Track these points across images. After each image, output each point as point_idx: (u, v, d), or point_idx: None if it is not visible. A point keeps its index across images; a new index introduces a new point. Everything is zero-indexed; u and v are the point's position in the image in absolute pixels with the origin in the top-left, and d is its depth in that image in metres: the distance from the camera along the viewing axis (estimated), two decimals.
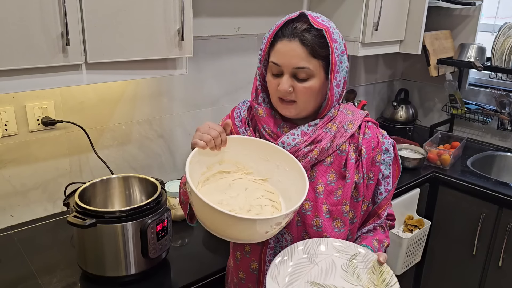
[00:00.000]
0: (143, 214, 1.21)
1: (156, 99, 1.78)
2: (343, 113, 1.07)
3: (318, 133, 1.04)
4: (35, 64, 1.12)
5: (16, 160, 1.49)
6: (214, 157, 1.05)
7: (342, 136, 1.05)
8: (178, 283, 1.28)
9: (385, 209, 1.13)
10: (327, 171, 1.05)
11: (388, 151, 1.10)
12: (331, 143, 1.04)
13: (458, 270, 2.24)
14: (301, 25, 0.98)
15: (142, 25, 1.28)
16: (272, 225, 0.90)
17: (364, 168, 1.05)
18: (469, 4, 2.40)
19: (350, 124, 1.06)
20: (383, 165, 1.09)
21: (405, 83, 2.92)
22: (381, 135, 1.10)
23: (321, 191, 1.04)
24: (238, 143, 1.06)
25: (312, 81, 1.00)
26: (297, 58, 0.97)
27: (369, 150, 1.06)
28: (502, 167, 2.45)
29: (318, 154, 1.03)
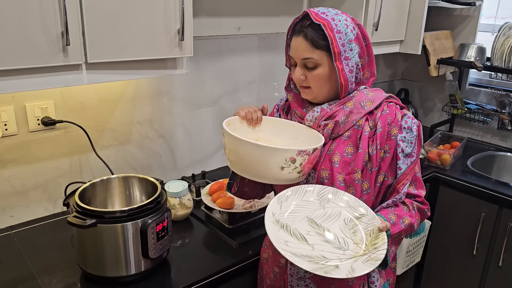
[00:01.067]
0: (143, 214, 1.21)
1: (156, 99, 1.78)
2: (363, 93, 1.18)
3: (335, 109, 1.17)
4: (35, 64, 1.12)
5: (16, 160, 1.49)
6: (251, 133, 1.25)
7: (359, 112, 1.15)
8: (178, 283, 1.28)
9: (403, 184, 1.16)
10: (345, 144, 1.16)
11: (411, 129, 1.16)
12: (347, 118, 1.15)
13: (458, 270, 2.24)
14: (305, 22, 1.14)
15: (142, 25, 1.28)
16: (287, 158, 1.06)
17: (377, 140, 1.14)
18: (469, 4, 2.40)
19: (369, 102, 1.16)
20: (404, 142, 1.15)
21: (405, 83, 2.92)
22: (402, 114, 1.17)
23: (337, 161, 1.16)
24: (271, 123, 1.26)
25: (320, 69, 1.14)
26: (302, 50, 1.13)
27: (385, 124, 1.14)
28: (502, 167, 2.45)
29: (333, 127, 1.16)
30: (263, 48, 2.06)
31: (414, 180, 1.20)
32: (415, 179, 1.20)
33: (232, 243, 1.47)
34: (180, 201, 1.57)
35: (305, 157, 1.08)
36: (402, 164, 1.16)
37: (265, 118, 1.27)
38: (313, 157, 1.11)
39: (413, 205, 1.19)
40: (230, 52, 1.95)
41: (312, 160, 1.12)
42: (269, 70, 2.13)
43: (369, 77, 1.22)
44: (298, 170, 1.10)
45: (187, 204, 1.60)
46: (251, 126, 1.26)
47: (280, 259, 1.26)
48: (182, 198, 1.58)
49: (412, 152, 1.16)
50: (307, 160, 1.10)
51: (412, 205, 1.19)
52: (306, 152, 1.08)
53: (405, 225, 1.15)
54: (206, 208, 1.64)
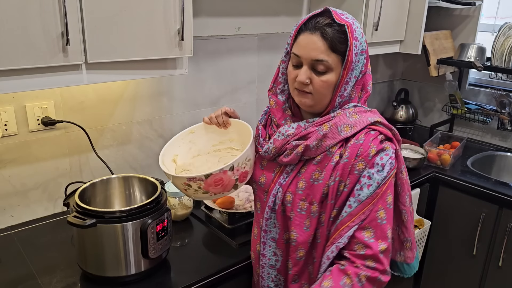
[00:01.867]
0: (143, 214, 1.21)
1: (156, 99, 1.78)
2: (345, 115, 1.04)
3: (310, 130, 1.06)
4: (35, 64, 1.12)
5: (16, 160, 1.49)
6: (225, 135, 1.27)
7: (334, 137, 1.03)
8: (178, 283, 1.28)
9: (348, 227, 0.99)
10: (313, 169, 1.06)
11: (383, 169, 1.00)
12: (320, 142, 1.04)
13: (458, 270, 2.24)
14: (324, 19, 1.01)
15: (142, 25, 1.28)
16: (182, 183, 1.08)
17: (338, 171, 1.01)
18: (469, 4, 2.40)
19: (347, 127, 1.02)
20: (370, 179, 0.99)
21: (405, 83, 2.92)
22: (379, 148, 1.01)
23: (301, 187, 1.07)
24: (237, 126, 1.24)
25: (330, 75, 1.02)
26: (316, 50, 1.00)
27: (352, 155, 1.00)
28: (502, 167, 2.45)
29: (302, 150, 1.05)
30: (263, 48, 2.06)
31: (373, 226, 1.00)
32: (375, 225, 1.00)
33: (232, 243, 1.47)
34: (180, 201, 1.57)
35: (199, 182, 1.06)
36: (353, 202, 1.00)
37: (233, 121, 1.26)
38: (212, 181, 1.06)
39: (359, 276, 0.98)
40: (230, 52, 1.95)
41: (216, 183, 1.07)
42: (268, 70, 2.13)
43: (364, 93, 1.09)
44: (203, 191, 1.09)
45: (187, 204, 1.60)
46: (222, 129, 1.27)
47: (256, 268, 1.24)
48: (182, 198, 1.58)
49: (372, 194, 0.99)
50: (206, 184, 1.07)
51: (358, 276, 0.98)
52: (197, 178, 1.06)
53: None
54: (206, 208, 1.64)
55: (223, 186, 1.09)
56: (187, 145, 1.28)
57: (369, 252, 0.99)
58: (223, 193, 1.12)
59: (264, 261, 1.19)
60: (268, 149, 1.11)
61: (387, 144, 1.04)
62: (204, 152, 1.29)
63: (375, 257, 0.99)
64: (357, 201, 1.00)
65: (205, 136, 1.28)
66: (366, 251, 0.99)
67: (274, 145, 1.09)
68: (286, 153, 1.07)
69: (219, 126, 1.26)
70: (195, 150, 1.29)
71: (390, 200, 1.02)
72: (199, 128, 1.28)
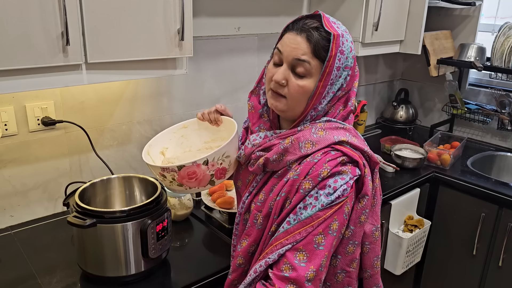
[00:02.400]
0: (143, 214, 1.21)
1: (156, 99, 1.78)
2: (310, 131, 0.98)
3: (274, 142, 1.02)
4: (35, 64, 1.12)
5: (16, 160, 1.49)
6: (217, 133, 1.26)
7: (294, 153, 0.98)
8: (178, 283, 1.28)
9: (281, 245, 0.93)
10: (274, 183, 1.02)
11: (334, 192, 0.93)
12: (281, 156, 0.99)
13: (458, 270, 2.24)
14: (312, 22, 0.97)
15: (142, 25, 1.28)
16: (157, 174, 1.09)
17: (285, 188, 0.96)
18: (469, 4, 2.40)
19: (309, 144, 0.96)
20: (317, 200, 0.93)
21: (405, 83, 2.92)
22: (335, 171, 0.93)
23: (260, 199, 1.04)
24: (228, 124, 1.23)
25: (307, 81, 0.96)
26: (299, 50, 0.95)
27: (302, 174, 0.94)
28: (502, 167, 2.45)
29: (263, 162, 1.01)
30: (263, 48, 2.06)
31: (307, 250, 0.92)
32: (310, 249, 0.91)
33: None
34: (180, 201, 1.57)
35: (172, 173, 1.05)
36: (292, 220, 0.93)
37: (224, 119, 1.25)
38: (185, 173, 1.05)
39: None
40: (230, 52, 1.95)
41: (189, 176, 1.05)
42: None
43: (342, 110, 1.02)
44: (177, 184, 1.08)
45: (187, 204, 1.60)
46: (214, 126, 1.25)
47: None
48: (182, 198, 1.58)
49: (313, 215, 0.92)
50: (179, 176, 1.05)
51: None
52: (170, 169, 1.05)
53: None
54: (206, 208, 1.64)
55: (198, 180, 1.07)
56: (178, 139, 1.28)
57: (293, 275, 0.90)
58: (198, 187, 1.10)
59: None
60: (240, 155, 1.09)
61: (346, 168, 0.95)
62: (195, 148, 1.29)
63: (299, 282, 0.89)
64: (297, 220, 0.93)
65: (197, 132, 1.28)
66: (291, 274, 0.90)
67: (244, 152, 1.07)
68: (251, 163, 1.05)
69: (211, 123, 1.25)
70: (186, 145, 1.29)
71: (334, 227, 0.93)
72: (192, 123, 1.28)
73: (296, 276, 0.90)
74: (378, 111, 2.89)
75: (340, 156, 0.95)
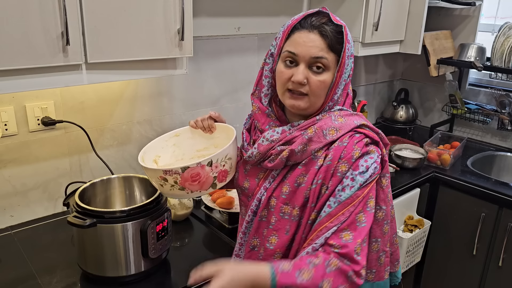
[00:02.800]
0: (143, 214, 1.21)
1: (156, 99, 1.78)
2: (330, 118, 1.02)
3: (295, 134, 1.03)
4: (35, 64, 1.12)
5: (16, 160, 1.49)
6: (210, 140, 1.25)
7: (319, 141, 1.00)
8: (178, 283, 1.28)
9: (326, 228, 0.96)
10: (298, 174, 1.03)
11: (367, 171, 0.98)
12: (305, 146, 1.01)
13: (458, 270, 2.24)
14: (320, 18, 0.99)
15: (142, 25, 1.28)
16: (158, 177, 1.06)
17: (320, 174, 0.99)
18: (469, 4, 2.40)
19: (333, 130, 1.00)
20: (353, 181, 0.97)
21: (405, 83, 2.92)
22: (363, 151, 0.98)
23: (285, 191, 1.04)
24: (223, 130, 1.22)
25: (326, 75, 0.99)
26: (315, 48, 0.97)
27: (335, 158, 0.98)
28: (502, 167, 2.45)
29: (287, 155, 1.02)
30: (263, 48, 2.06)
31: (352, 229, 0.96)
32: (353, 228, 0.96)
33: (232, 243, 1.47)
34: (180, 201, 1.57)
35: (175, 175, 1.03)
36: (333, 203, 0.97)
37: (218, 125, 1.24)
38: (188, 175, 1.03)
39: (329, 261, 0.92)
40: (230, 52, 1.95)
41: (193, 178, 1.04)
42: None
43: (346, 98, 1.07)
44: (179, 187, 1.06)
45: (187, 204, 1.60)
46: (207, 134, 1.24)
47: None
48: None
49: (353, 195, 0.96)
50: (182, 179, 1.04)
51: (328, 261, 0.92)
52: (173, 171, 1.03)
53: (303, 280, 0.89)
54: (206, 208, 1.64)
55: (200, 183, 1.06)
56: (170, 148, 1.26)
57: (344, 250, 0.94)
58: (200, 191, 1.08)
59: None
60: (252, 154, 1.08)
61: (372, 147, 1.01)
62: (188, 156, 1.27)
63: (349, 256, 0.94)
64: (337, 202, 0.97)
65: (190, 140, 1.26)
66: (341, 250, 0.94)
67: (258, 150, 1.06)
68: (271, 159, 1.05)
69: (205, 131, 1.23)
70: (179, 154, 1.26)
71: (371, 204, 0.99)
72: (184, 131, 1.26)
73: (347, 251, 0.93)
74: (378, 111, 2.89)
75: (364, 138, 1.00)
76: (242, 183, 1.16)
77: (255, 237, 1.11)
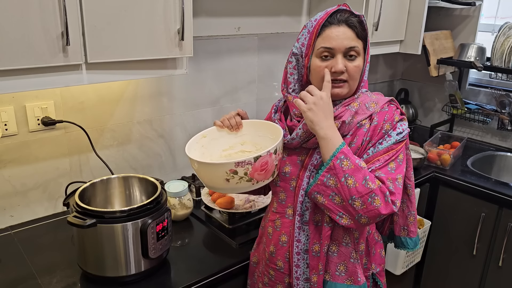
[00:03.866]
0: (143, 214, 1.21)
1: (156, 99, 1.78)
2: (367, 95, 1.19)
3: (341, 110, 1.15)
4: (35, 64, 1.12)
5: (16, 160, 1.49)
6: (236, 138, 1.27)
7: (364, 113, 1.15)
8: (178, 283, 1.28)
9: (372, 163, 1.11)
10: (347, 143, 1.13)
11: (401, 133, 1.14)
12: (352, 118, 1.14)
13: (458, 270, 2.24)
14: (344, 13, 1.13)
15: (142, 25, 1.28)
16: (227, 171, 1.07)
17: (369, 132, 1.14)
18: (469, 4, 2.40)
19: (373, 104, 1.16)
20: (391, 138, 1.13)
21: (405, 83, 2.92)
22: (399, 118, 1.16)
23: None
24: (252, 126, 1.25)
25: (359, 60, 1.14)
26: (348, 39, 1.11)
27: (381, 120, 1.14)
28: (502, 167, 2.45)
29: (339, 126, 1.13)
30: (263, 48, 2.07)
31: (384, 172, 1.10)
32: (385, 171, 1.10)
33: (232, 243, 1.47)
34: (180, 201, 1.57)
35: (247, 166, 1.07)
36: (371, 151, 1.13)
37: (245, 122, 1.27)
38: (259, 164, 1.08)
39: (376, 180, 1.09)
40: (230, 52, 1.95)
41: (262, 167, 1.09)
42: (268, 70, 2.13)
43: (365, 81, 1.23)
44: (247, 179, 1.09)
45: (187, 204, 1.60)
46: (233, 132, 1.27)
47: (276, 261, 1.24)
48: (182, 198, 1.58)
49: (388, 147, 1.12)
50: (253, 169, 1.08)
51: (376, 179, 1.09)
52: (246, 162, 1.06)
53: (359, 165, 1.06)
54: (206, 208, 1.64)
55: (266, 171, 1.11)
56: (200, 150, 1.26)
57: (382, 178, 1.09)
58: (264, 180, 1.13)
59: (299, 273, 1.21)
60: (296, 135, 1.16)
61: (403, 116, 1.19)
62: (216, 156, 1.28)
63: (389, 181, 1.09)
64: (375, 150, 1.13)
65: (216, 141, 1.27)
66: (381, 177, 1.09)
67: (304, 129, 1.15)
68: None
69: (231, 129, 1.27)
70: (207, 155, 1.27)
71: (401, 157, 1.14)
72: (211, 132, 1.27)
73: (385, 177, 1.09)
74: None
75: (396, 108, 1.18)
76: (282, 169, 1.22)
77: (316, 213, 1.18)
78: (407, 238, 1.31)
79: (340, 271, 1.19)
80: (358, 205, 1.05)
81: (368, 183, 1.05)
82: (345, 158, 1.06)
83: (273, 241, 1.25)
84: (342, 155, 1.07)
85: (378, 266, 1.29)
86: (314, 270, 1.19)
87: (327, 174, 1.08)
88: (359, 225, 1.09)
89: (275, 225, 1.25)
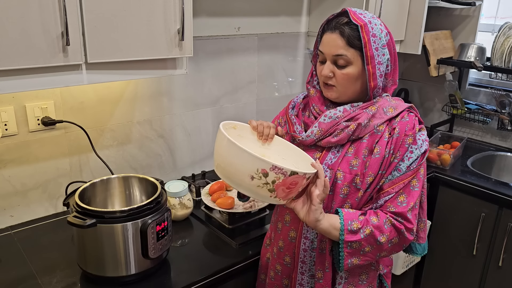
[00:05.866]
0: (143, 214, 1.21)
1: (156, 99, 1.78)
2: (386, 100, 1.18)
3: (358, 112, 1.16)
4: (35, 64, 1.12)
5: (16, 160, 1.49)
6: (259, 148, 1.21)
7: (381, 117, 1.15)
8: (178, 283, 1.28)
9: (387, 193, 1.12)
10: (364, 147, 1.15)
11: (421, 146, 1.15)
12: (369, 121, 1.14)
13: (458, 270, 2.24)
14: (342, 19, 1.13)
15: (142, 25, 1.28)
16: (258, 169, 0.98)
17: (392, 145, 1.13)
18: (469, 4, 2.40)
19: (391, 109, 1.16)
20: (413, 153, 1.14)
21: (405, 83, 2.92)
22: (419, 127, 1.16)
23: (356, 164, 1.15)
24: (280, 144, 1.21)
25: (350, 68, 1.13)
26: (336, 46, 1.13)
27: (402, 131, 1.13)
28: (502, 167, 2.45)
29: (355, 128, 1.14)
30: (263, 48, 2.07)
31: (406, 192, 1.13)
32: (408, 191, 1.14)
33: (232, 243, 1.47)
34: (180, 201, 1.57)
35: (280, 175, 0.99)
36: (395, 171, 1.14)
37: (278, 140, 1.21)
38: (290, 180, 1.00)
39: (386, 219, 1.11)
40: (230, 52, 1.95)
41: (290, 185, 1.02)
42: (268, 70, 2.13)
43: (391, 85, 1.22)
44: (269, 188, 1.01)
45: (187, 204, 1.60)
46: (260, 141, 1.21)
47: (284, 257, 1.26)
48: (182, 198, 1.58)
49: (412, 165, 1.14)
50: (282, 181, 1.00)
51: (386, 219, 1.11)
52: (282, 171, 0.98)
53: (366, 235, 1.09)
54: (206, 208, 1.64)
55: (290, 192, 1.04)
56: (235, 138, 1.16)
57: (399, 209, 1.11)
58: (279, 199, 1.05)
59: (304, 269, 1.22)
60: (311, 133, 1.18)
61: (422, 125, 1.19)
62: None
63: (403, 215, 1.12)
64: (398, 171, 1.13)
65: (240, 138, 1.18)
66: (396, 209, 1.12)
67: (320, 128, 1.16)
68: (335, 134, 1.16)
69: (260, 137, 1.22)
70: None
71: (422, 172, 1.17)
72: (242, 127, 1.21)
73: (401, 210, 1.12)
74: None
75: (415, 116, 1.18)
76: None
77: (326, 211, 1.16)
78: (416, 243, 1.34)
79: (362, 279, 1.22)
80: (384, 254, 1.14)
81: (382, 238, 1.10)
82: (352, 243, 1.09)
83: (282, 236, 1.26)
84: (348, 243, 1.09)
85: (385, 267, 1.30)
86: (319, 267, 1.20)
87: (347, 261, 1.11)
88: None
89: (285, 220, 1.25)
